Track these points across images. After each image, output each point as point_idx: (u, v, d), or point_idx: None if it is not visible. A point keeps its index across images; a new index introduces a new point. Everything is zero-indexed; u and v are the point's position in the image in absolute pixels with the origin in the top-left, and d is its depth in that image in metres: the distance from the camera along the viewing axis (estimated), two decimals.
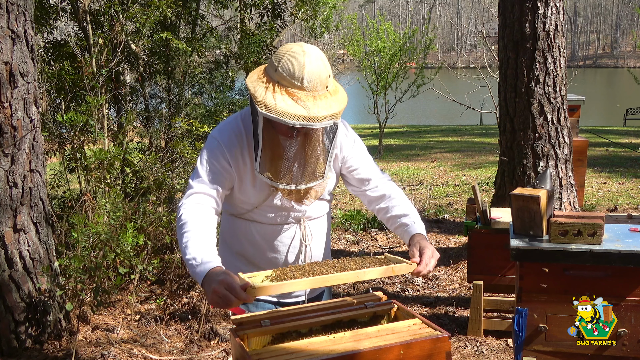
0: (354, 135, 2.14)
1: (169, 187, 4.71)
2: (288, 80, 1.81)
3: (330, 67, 1.92)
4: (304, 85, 1.81)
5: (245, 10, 7.91)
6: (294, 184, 1.94)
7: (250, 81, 1.89)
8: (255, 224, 2.09)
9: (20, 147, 3.31)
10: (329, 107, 1.83)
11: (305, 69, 1.81)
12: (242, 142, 1.99)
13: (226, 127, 2.02)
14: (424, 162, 12.29)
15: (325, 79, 1.85)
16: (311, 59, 1.82)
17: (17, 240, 3.35)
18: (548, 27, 4.79)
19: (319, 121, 1.81)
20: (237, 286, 1.62)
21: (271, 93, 1.81)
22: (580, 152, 5.83)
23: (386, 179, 2.18)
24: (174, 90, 6.92)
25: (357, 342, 1.62)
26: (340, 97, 1.90)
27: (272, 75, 1.85)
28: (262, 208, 2.06)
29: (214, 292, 1.63)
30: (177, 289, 4.39)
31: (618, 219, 3.05)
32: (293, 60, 1.82)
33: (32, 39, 3.39)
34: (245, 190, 2.02)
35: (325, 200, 2.18)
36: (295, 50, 1.84)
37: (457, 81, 17.12)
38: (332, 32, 18.87)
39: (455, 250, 5.59)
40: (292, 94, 1.81)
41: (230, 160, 1.97)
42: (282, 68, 1.82)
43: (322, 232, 2.20)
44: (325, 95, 1.85)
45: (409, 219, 2.04)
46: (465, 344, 3.73)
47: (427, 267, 1.85)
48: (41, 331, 3.48)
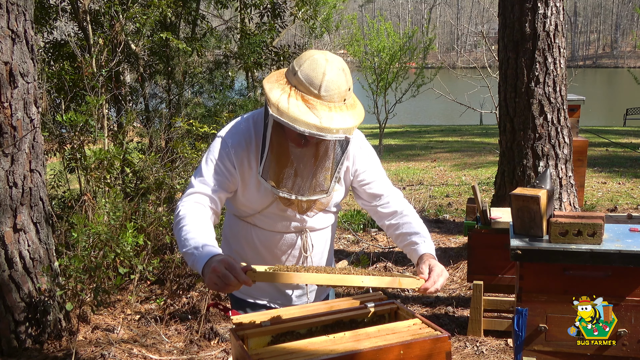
0: (368, 149, 2.10)
1: (169, 187, 4.71)
2: (306, 86, 1.76)
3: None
4: (321, 94, 1.76)
5: (245, 10, 7.92)
6: (295, 194, 1.88)
7: (267, 81, 1.84)
8: (256, 228, 2.06)
9: (20, 147, 3.31)
10: (343, 120, 1.77)
11: (325, 78, 1.76)
12: (250, 145, 1.95)
13: (236, 128, 1.98)
14: (424, 162, 12.29)
15: (344, 91, 1.79)
16: (332, 69, 1.78)
17: (17, 240, 3.35)
18: (548, 27, 4.79)
19: (330, 133, 1.74)
20: (238, 267, 1.60)
21: (286, 96, 1.76)
22: (580, 152, 5.83)
23: (398, 196, 2.12)
24: (174, 90, 6.92)
25: (357, 342, 1.62)
26: (357, 113, 1.84)
27: (291, 79, 1.81)
28: (264, 214, 2.02)
29: (213, 271, 1.60)
30: (177, 289, 4.39)
31: (618, 219, 3.06)
32: (314, 67, 1.77)
33: (32, 39, 3.39)
34: (249, 194, 1.98)
35: (331, 212, 2.13)
36: (318, 57, 1.80)
37: (457, 81, 17.12)
38: (332, 32, 18.89)
39: (455, 250, 5.59)
40: (307, 100, 1.76)
41: (236, 162, 1.94)
42: (302, 73, 1.77)
43: (324, 243, 2.15)
44: (342, 107, 1.79)
45: (419, 237, 2.00)
46: (465, 344, 3.73)
47: (435, 285, 1.82)
48: (41, 331, 3.48)
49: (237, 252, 2.14)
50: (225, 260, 1.61)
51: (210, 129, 5.25)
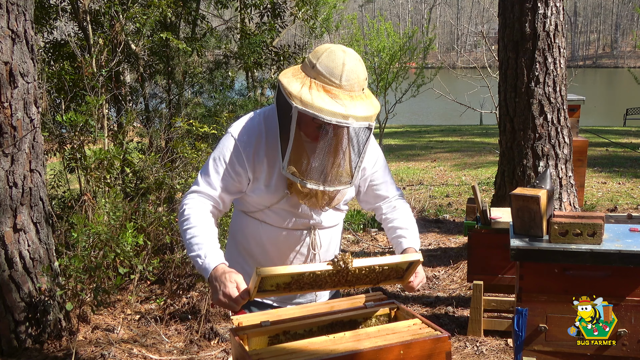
0: (379, 151, 2.13)
1: (169, 187, 4.71)
2: (326, 77, 1.78)
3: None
4: (342, 84, 1.78)
5: (245, 10, 7.92)
6: (323, 184, 1.87)
7: (284, 77, 1.85)
8: (265, 225, 2.05)
9: (20, 147, 3.31)
10: (365, 108, 1.80)
11: (345, 67, 1.78)
12: (260, 142, 1.95)
13: (245, 126, 1.98)
14: (424, 162, 12.29)
15: (362, 80, 1.83)
16: (351, 59, 1.81)
17: (17, 240, 3.35)
18: (548, 27, 4.79)
19: (356, 120, 1.76)
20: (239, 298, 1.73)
21: (307, 89, 1.77)
22: (580, 152, 5.83)
23: (400, 196, 2.20)
24: (174, 90, 6.92)
25: (357, 342, 1.62)
26: (375, 103, 1.87)
27: (309, 72, 1.82)
28: (273, 209, 2.01)
29: (219, 302, 1.74)
30: (177, 289, 4.39)
31: (618, 219, 3.05)
32: (333, 58, 1.80)
33: (32, 39, 3.39)
34: (258, 190, 1.98)
35: (340, 210, 2.14)
36: (335, 49, 1.83)
37: (457, 81, 17.12)
38: (332, 32, 18.87)
39: (455, 250, 5.59)
40: (329, 91, 1.77)
41: (246, 161, 1.94)
42: (321, 65, 1.79)
43: (333, 242, 2.16)
44: (361, 96, 1.82)
45: (407, 232, 2.09)
46: (465, 344, 3.73)
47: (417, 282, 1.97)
48: (41, 331, 3.48)
49: (243, 248, 2.13)
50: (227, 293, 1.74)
51: (210, 129, 5.24)
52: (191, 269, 4.40)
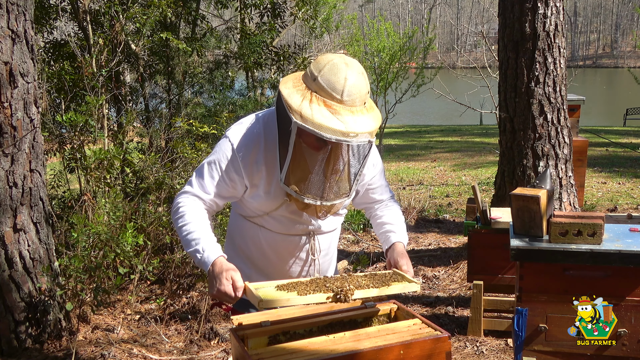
0: (377, 154, 2.13)
1: (169, 187, 4.71)
2: (327, 91, 1.75)
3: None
4: (344, 99, 1.75)
5: (245, 10, 7.92)
6: (320, 199, 1.87)
7: (284, 87, 1.81)
8: (264, 230, 2.04)
9: (20, 147, 3.31)
10: (366, 123, 1.77)
11: (347, 83, 1.75)
12: (259, 147, 1.92)
13: (244, 133, 1.95)
14: (424, 162, 12.29)
15: (364, 94, 1.80)
16: (353, 73, 1.77)
17: (17, 240, 3.35)
18: (548, 27, 4.79)
19: (355, 137, 1.74)
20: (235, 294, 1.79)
21: (308, 102, 1.74)
22: (580, 152, 5.83)
23: (391, 198, 2.23)
24: (174, 90, 6.92)
25: (357, 342, 1.62)
26: (376, 115, 1.85)
27: (310, 84, 1.78)
28: (272, 215, 2.01)
29: (218, 291, 1.79)
30: (177, 289, 4.39)
31: (618, 219, 3.05)
32: (335, 72, 1.76)
33: (32, 39, 3.39)
34: (258, 197, 1.96)
35: (340, 214, 2.14)
36: (338, 61, 1.78)
37: (457, 81, 17.10)
38: (332, 32, 18.88)
39: (455, 250, 5.59)
40: (330, 106, 1.74)
41: (243, 168, 1.92)
42: (322, 78, 1.76)
43: (331, 246, 2.16)
44: (362, 111, 1.79)
45: (394, 227, 2.11)
46: (465, 344, 3.73)
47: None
48: (41, 331, 3.48)
49: (242, 251, 2.12)
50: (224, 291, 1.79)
51: (210, 129, 5.24)
52: (191, 269, 4.40)
